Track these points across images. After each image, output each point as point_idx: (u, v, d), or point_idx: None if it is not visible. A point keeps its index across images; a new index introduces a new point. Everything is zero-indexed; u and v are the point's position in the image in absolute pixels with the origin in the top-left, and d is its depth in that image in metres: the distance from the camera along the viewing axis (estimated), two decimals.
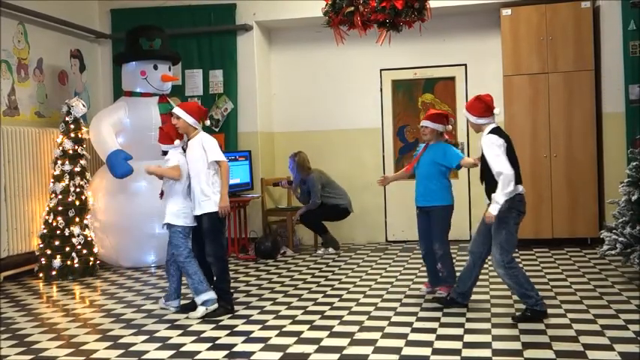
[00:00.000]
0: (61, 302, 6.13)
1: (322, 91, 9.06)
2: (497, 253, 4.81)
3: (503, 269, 4.81)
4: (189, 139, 5.48)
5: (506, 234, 4.79)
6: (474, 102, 4.96)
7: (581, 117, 7.90)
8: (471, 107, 4.96)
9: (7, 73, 7.30)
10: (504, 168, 4.64)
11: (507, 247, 4.80)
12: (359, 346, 4.40)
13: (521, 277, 4.84)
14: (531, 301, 4.81)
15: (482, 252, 5.05)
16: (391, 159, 8.99)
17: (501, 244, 4.80)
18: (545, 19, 7.94)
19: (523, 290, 4.82)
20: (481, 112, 4.89)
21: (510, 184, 4.63)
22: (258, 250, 8.04)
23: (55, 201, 7.21)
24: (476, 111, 4.91)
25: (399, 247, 8.54)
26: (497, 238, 4.82)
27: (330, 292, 6.09)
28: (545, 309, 4.83)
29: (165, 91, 7.81)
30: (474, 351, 4.20)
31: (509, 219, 4.78)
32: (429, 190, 5.66)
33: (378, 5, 5.01)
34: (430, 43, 8.31)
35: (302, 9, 8.41)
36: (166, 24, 8.42)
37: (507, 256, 4.80)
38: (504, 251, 4.80)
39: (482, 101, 4.91)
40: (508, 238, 4.80)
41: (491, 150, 4.74)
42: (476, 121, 4.93)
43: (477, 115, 4.91)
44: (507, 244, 4.80)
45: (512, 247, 4.85)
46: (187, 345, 4.58)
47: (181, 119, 5.43)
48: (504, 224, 4.78)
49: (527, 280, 4.86)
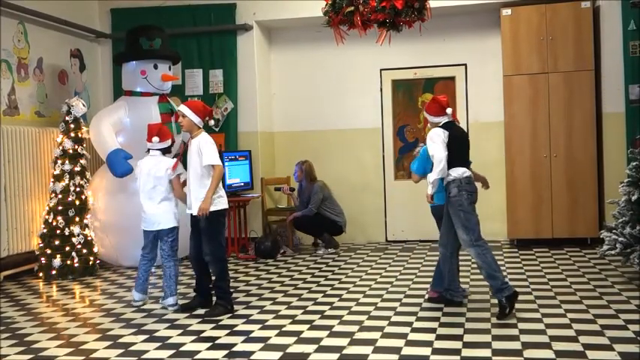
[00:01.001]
0: (60, 302, 6.13)
1: (322, 91, 9.06)
2: (464, 234, 5.11)
3: (472, 247, 5.09)
4: (192, 138, 5.48)
5: (464, 214, 5.11)
6: (430, 103, 5.38)
7: (581, 117, 7.90)
8: (428, 108, 5.38)
9: (7, 72, 7.30)
10: (438, 150, 5.12)
11: (470, 225, 5.10)
12: (359, 346, 4.40)
13: (489, 256, 5.09)
14: (497, 283, 5.00)
15: (450, 243, 5.32)
16: (391, 159, 8.99)
17: (463, 224, 5.11)
18: (545, 19, 7.94)
19: (491, 271, 5.05)
20: (437, 111, 5.30)
21: (440, 164, 5.10)
22: (258, 250, 8.04)
23: (55, 200, 7.21)
24: (432, 111, 5.33)
25: (398, 247, 8.54)
26: (458, 221, 5.13)
27: (329, 291, 6.09)
28: (512, 291, 4.99)
29: (166, 91, 7.80)
30: (474, 351, 4.20)
31: (462, 200, 5.11)
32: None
33: (378, 5, 5.00)
34: (430, 43, 8.30)
35: (302, 9, 8.41)
36: (166, 23, 8.42)
37: (474, 234, 5.09)
38: (469, 230, 5.09)
39: (437, 102, 5.32)
40: (467, 217, 5.11)
41: (429, 140, 5.23)
42: (432, 120, 5.34)
43: (433, 115, 5.32)
44: (469, 222, 5.11)
45: (475, 224, 5.13)
46: (187, 345, 4.58)
47: (187, 117, 5.43)
48: (459, 206, 5.12)
49: (494, 261, 5.10)
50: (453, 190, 5.13)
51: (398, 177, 9.00)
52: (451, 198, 5.16)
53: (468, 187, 5.17)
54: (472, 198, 5.19)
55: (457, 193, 5.12)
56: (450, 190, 5.15)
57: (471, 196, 5.17)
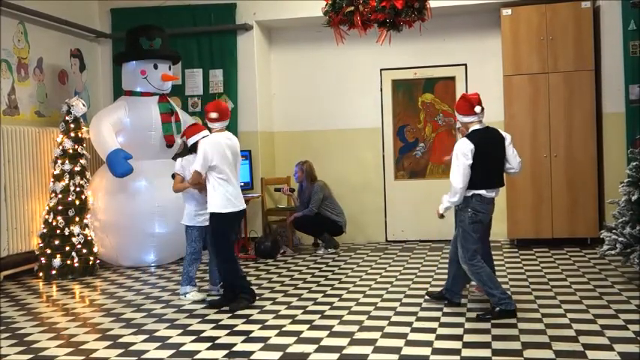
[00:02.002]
0: (60, 302, 6.13)
1: (322, 91, 9.05)
2: (460, 251, 5.06)
3: (466, 265, 5.04)
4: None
5: (462, 232, 5.04)
6: (460, 101, 5.16)
7: (582, 117, 7.89)
8: (457, 106, 5.16)
9: (7, 72, 7.29)
10: (456, 181, 4.93)
11: (465, 244, 5.02)
12: (359, 346, 4.40)
13: (485, 275, 5.00)
14: (494, 300, 4.95)
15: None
16: (391, 159, 8.98)
17: (460, 241, 5.07)
18: (545, 19, 7.94)
19: (487, 288, 4.99)
20: (466, 110, 5.06)
21: (456, 196, 4.95)
22: (258, 250, 8.04)
23: (55, 200, 7.21)
24: (461, 109, 5.10)
25: (398, 247, 8.54)
26: (458, 236, 5.11)
27: (329, 291, 6.09)
28: (513, 308, 4.92)
29: (166, 91, 7.81)
30: (474, 351, 4.20)
31: (464, 217, 5.04)
32: None
33: (378, 5, 5.00)
34: (430, 42, 8.30)
35: (302, 9, 8.40)
36: (166, 23, 8.42)
37: (467, 254, 5.01)
38: (464, 249, 5.03)
39: (467, 100, 5.08)
40: (465, 235, 5.03)
41: (454, 156, 5.00)
42: (461, 119, 5.12)
43: (462, 114, 5.08)
44: (465, 241, 5.02)
45: (471, 244, 5.01)
46: (187, 344, 4.58)
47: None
48: (461, 222, 5.07)
49: (490, 279, 5.01)
50: (460, 205, 5.02)
51: (398, 177, 9.00)
52: (458, 212, 5.11)
53: (478, 207, 5.00)
54: (476, 218, 5.00)
55: (462, 208, 5.03)
56: (459, 205, 5.04)
57: (475, 215, 5.00)
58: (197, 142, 5.68)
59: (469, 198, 4.99)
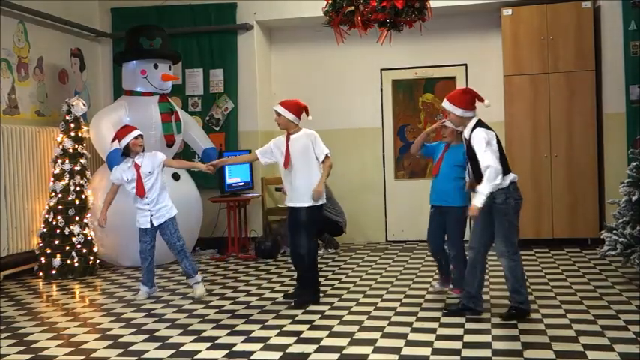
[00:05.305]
0: (60, 301, 6.13)
1: (322, 91, 9.04)
2: (502, 245, 4.87)
3: (507, 259, 4.89)
4: (291, 134, 5.68)
5: (509, 225, 4.87)
6: (462, 95, 5.01)
7: (582, 117, 7.89)
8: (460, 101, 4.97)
9: (8, 71, 7.29)
10: (492, 162, 4.70)
11: (511, 237, 4.88)
12: (359, 346, 4.40)
13: (519, 271, 4.92)
14: (521, 298, 4.90)
15: (481, 246, 5.03)
16: (391, 159, 8.98)
17: (505, 234, 4.86)
18: (545, 19, 7.94)
19: (517, 285, 4.90)
20: (468, 104, 4.95)
21: (498, 178, 4.69)
22: (258, 250, 8.04)
23: (55, 200, 7.21)
24: (464, 103, 4.95)
25: (399, 246, 8.54)
26: (501, 230, 4.87)
27: (329, 291, 6.09)
28: (529, 308, 4.92)
29: (166, 91, 7.80)
30: (474, 351, 4.20)
31: (508, 209, 4.84)
32: (447, 191, 5.58)
33: (378, 5, 5.00)
34: (430, 42, 8.29)
35: (302, 8, 8.40)
36: (167, 23, 8.42)
37: (512, 247, 4.87)
38: (508, 242, 4.87)
39: (471, 93, 4.98)
40: (511, 228, 4.87)
41: (477, 144, 4.78)
42: (463, 114, 4.97)
43: (465, 108, 4.95)
44: (511, 235, 4.87)
45: (516, 236, 4.92)
46: (187, 344, 4.58)
47: (282, 116, 5.65)
48: (505, 215, 4.85)
49: (523, 277, 4.96)
50: (500, 197, 4.78)
51: (398, 177, 9.00)
52: (497, 205, 4.81)
53: (516, 195, 4.88)
54: (519, 206, 4.90)
55: (504, 200, 4.80)
56: (497, 196, 4.78)
57: (517, 204, 4.88)
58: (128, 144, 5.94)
59: (507, 188, 4.80)
